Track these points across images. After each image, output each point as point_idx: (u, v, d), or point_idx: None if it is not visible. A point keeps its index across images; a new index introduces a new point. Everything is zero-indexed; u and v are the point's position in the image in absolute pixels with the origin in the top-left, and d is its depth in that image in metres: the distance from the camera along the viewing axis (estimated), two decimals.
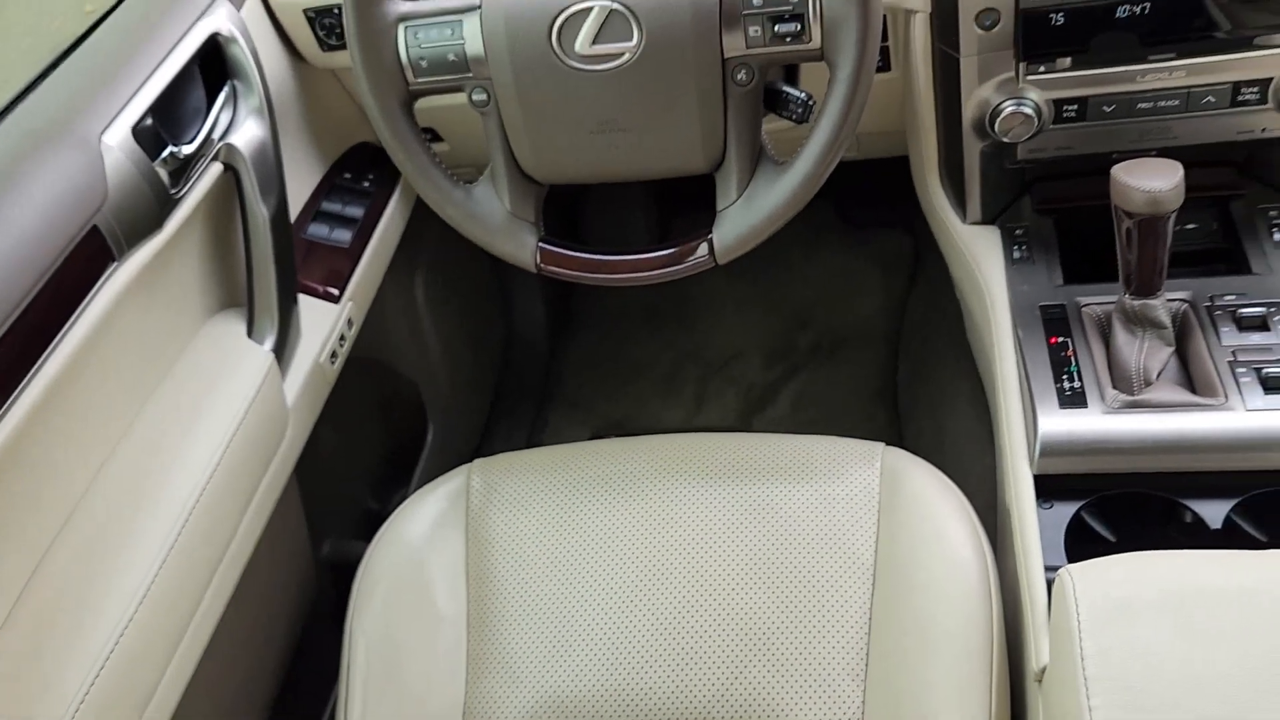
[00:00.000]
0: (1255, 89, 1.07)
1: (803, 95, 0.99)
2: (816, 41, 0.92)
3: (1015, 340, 1.11)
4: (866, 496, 1.05)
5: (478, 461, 1.17)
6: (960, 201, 1.26)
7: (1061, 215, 1.24)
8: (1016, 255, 1.21)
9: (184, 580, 1.00)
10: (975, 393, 1.36)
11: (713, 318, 1.93)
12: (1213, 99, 1.08)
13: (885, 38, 1.20)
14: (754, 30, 0.92)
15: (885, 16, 1.17)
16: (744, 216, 1.00)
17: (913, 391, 1.69)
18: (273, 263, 1.17)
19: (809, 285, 1.94)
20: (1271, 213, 1.17)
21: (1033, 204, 1.26)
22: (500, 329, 1.94)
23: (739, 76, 0.95)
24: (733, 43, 0.93)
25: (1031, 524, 0.96)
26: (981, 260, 1.22)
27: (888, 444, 1.10)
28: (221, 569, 1.07)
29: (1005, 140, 1.13)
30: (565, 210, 1.97)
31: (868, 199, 1.90)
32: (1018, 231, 1.24)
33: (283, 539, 1.31)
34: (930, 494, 1.04)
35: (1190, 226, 1.20)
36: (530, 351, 1.94)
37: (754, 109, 0.98)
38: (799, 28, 0.92)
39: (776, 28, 0.92)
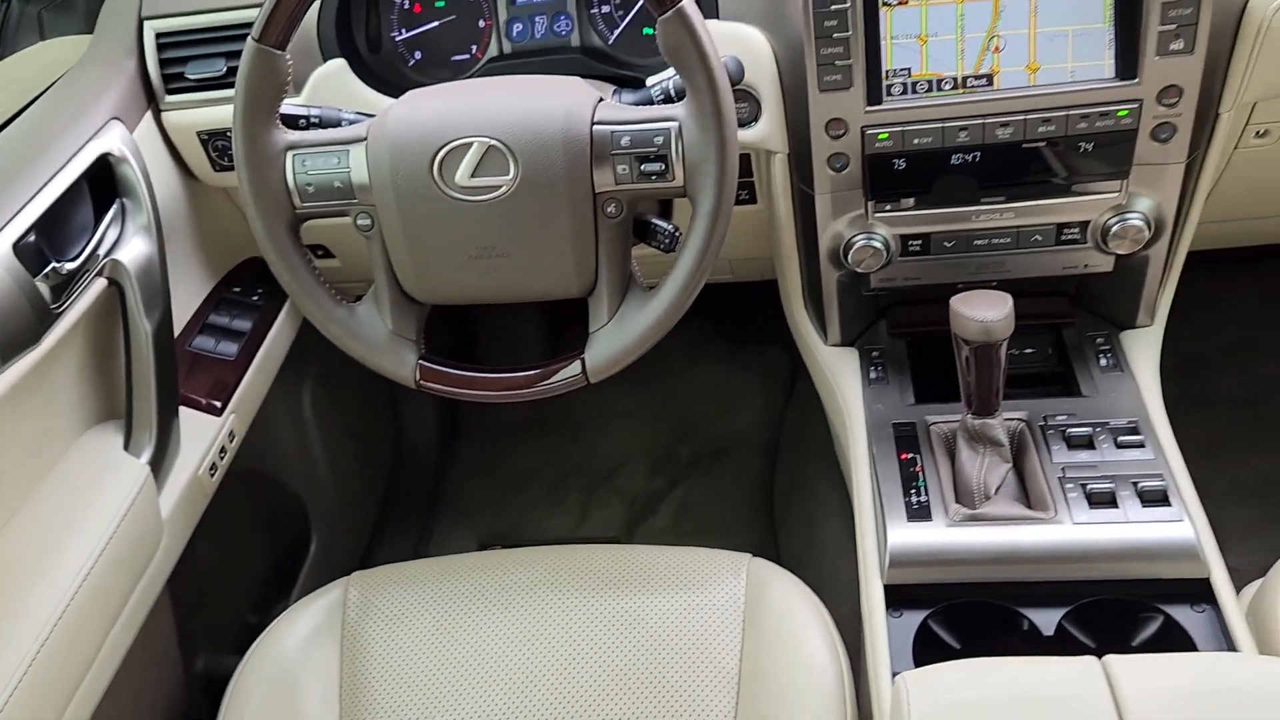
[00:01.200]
0: (1076, 229, 1.18)
1: (670, 227, 1.07)
2: (680, 180, 1.00)
3: (870, 456, 1.18)
4: (732, 607, 1.09)
5: (356, 574, 1.18)
6: (822, 325, 1.35)
7: (914, 339, 1.33)
8: (873, 376, 1.30)
9: (44, 695, 0.99)
10: (844, 504, 1.42)
11: (599, 429, 1.99)
12: (1040, 238, 1.19)
13: (750, 174, 1.30)
14: (622, 168, 1.00)
15: (750, 155, 1.27)
16: (614, 338, 1.06)
17: (788, 502, 1.76)
18: (153, 376, 1.18)
19: (691, 398, 2.01)
20: (1098, 340, 1.29)
21: (888, 328, 1.36)
22: (389, 440, 1.95)
23: (609, 209, 1.02)
24: (603, 179, 1.00)
25: (881, 632, 1.02)
26: (841, 380, 1.31)
27: (755, 554, 1.15)
28: (85, 683, 1.05)
29: (858, 270, 1.22)
30: (457, 326, 2.01)
31: (747, 317, 2.00)
32: (874, 353, 1.33)
33: (153, 653, 1.29)
34: (792, 603, 1.09)
35: (1028, 351, 1.31)
36: (418, 462, 1.96)
37: (623, 239, 1.05)
38: (663, 167, 0.99)
39: (643, 167, 1.00)
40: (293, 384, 1.60)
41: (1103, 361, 1.26)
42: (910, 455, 1.17)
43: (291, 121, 1.07)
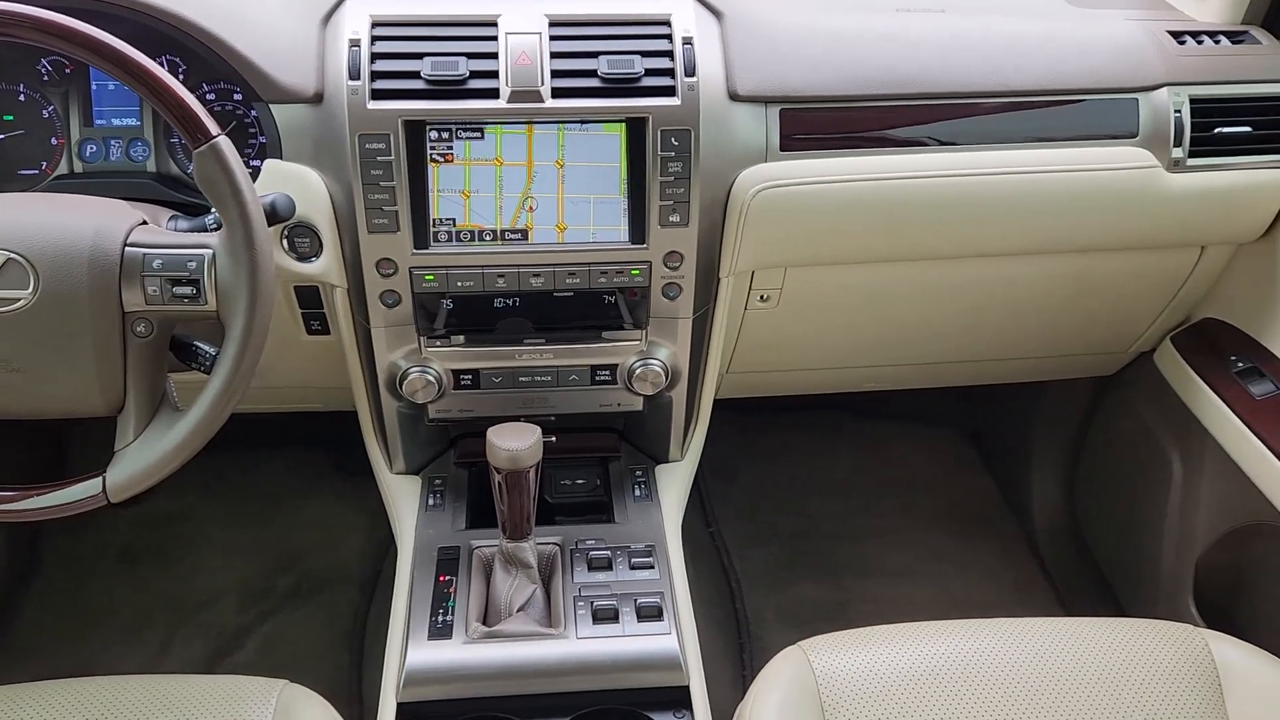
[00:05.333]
0: (607, 371, 1.33)
1: (211, 350, 1.09)
2: (212, 305, 1.03)
3: (409, 580, 1.23)
4: None
5: None
6: (389, 453, 1.40)
7: (477, 468, 1.42)
8: (431, 503, 1.36)
9: None
10: None
11: (195, 560, 1.91)
12: (576, 377, 1.32)
13: (321, 306, 1.35)
14: (153, 289, 1.02)
15: (319, 288, 1.33)
16: (139, 458, 1.05)
17: (378, 633, 1.76)
18: None
19: (301, 530, 1.99)
20: (637, 472, 1.43)
21: (455, 457, 1.43)
22: None
23: (138, 329, 1.04)
24: (132, 298, 1.02)
25: None
26: (399, 507, 1.36)
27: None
28: None
29: (415, 400, 1.30)
30: None
31: (363, 449, 2.02)
32: (437, 481, 1.40)
33: None
34: None
35: (579, 481, 1.43)
36: None
37: (154, 359, 1.06)
38: (195, 291, 1.03)
39: (175, 289, 1.02)
40: None
41: (637, 491, 1.39)
42: (448, 578, 1.23)
43: None
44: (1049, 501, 1.99)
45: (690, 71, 1.19)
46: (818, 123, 1.28)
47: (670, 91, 1.19)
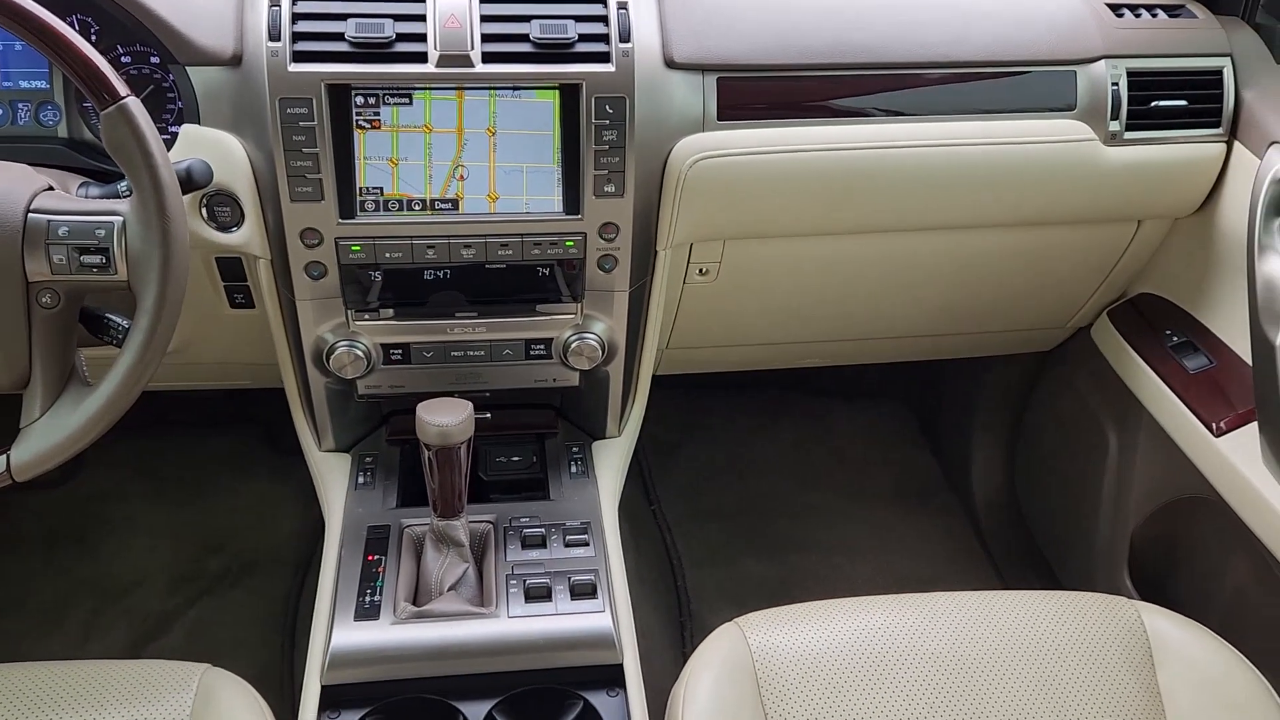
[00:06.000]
0: (542, 346, 1.29)
1: (124, 323, 1.05)
2: (123, 274, 0.98)
3: (336, 560, 1.19)
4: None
5: None
6: (317, 430, 1.36)
7: (410, 445, 1.38)
8: (361, 481, 1.32)
9: None
10: None
11: (119, 543, 1.85)
12: (510, 352, 1.29)
13: (244, 278, 1.31)
14: (59, 257, 0.97)
15: (242, 259, 1.28)
16: (45, 435, 1.01)
17: (311, 616, 1.72)
18: None
19: (233, 511, 1.93)
20: (574, 449, 1.40)
21: (388, 435, 1.40)
22: None
23: (44, 299, 0.99)
24: (36, 267, 0.97)
25: None
26: (327, 486, 1.32)
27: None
28: None
29: (343, 376, 1.26)
30: None
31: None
32: (367, 459, 1.36)
33: None
34: (236, 715, 1.05)
35: (516, 459, 1.39)
36: None
37: (62, 331, 1.01)
38: (105, 260, 0.98)
39: (83, 258, 0.97)
40: None
41: (573, 469, 1.37)
42: (376, 557, 1.20)
43: None
44: (989, 477, 1.99)
45: (625, 37, 1.16)
46: (756, 92, 1.26)
47: (605, 58, 1.16)
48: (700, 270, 1.40)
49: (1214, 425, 1.35)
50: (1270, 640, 1.31)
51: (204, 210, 1.17)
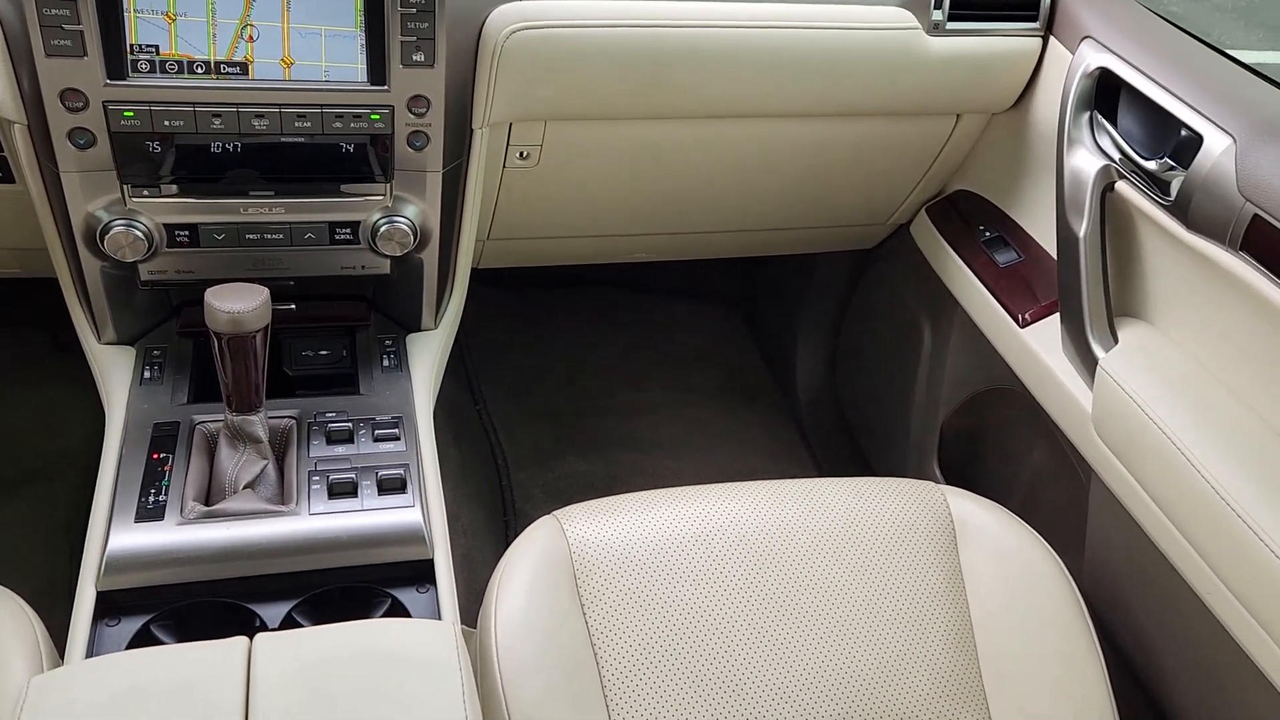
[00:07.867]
0: (348, 230, 1.20)
1: None
2: None
3: (116, 459, 1.09)
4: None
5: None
6: (95, 321, 1.24)
7: (204, 339, 1.27)
8: (147, 376, 1.22)
9: None
10: None
11: None
12: (313, 236, 1.20)
13: (2, 149, 1.16)
14: None
15: None
16: None
17: None
18: None
19: (13, 413, 1.77)
20: (387, 342, 1.32)
21: (179, 326, 1.28)
22: None
23: None
24: None
25: (82, 643, 0.93)
26: (108, 380, 1.21)
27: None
28: None
29: (121, 260, 1.14)
30: None
31: None
32: (155, 353, 1.25)
33: None
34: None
35: (324, 353, 1.31)
36: None
37: None
38: None
39: None
40: None
41: (385, 362, 1.29)
42: (163, 455, 1.10)
43: None
44: (811, 374, 2.03)
45: None
46: None
47: None
48: (521, 154, 1.33)
49: (1020, 317, 1.40)
50: (1062, 519, 1.38)
51: None
